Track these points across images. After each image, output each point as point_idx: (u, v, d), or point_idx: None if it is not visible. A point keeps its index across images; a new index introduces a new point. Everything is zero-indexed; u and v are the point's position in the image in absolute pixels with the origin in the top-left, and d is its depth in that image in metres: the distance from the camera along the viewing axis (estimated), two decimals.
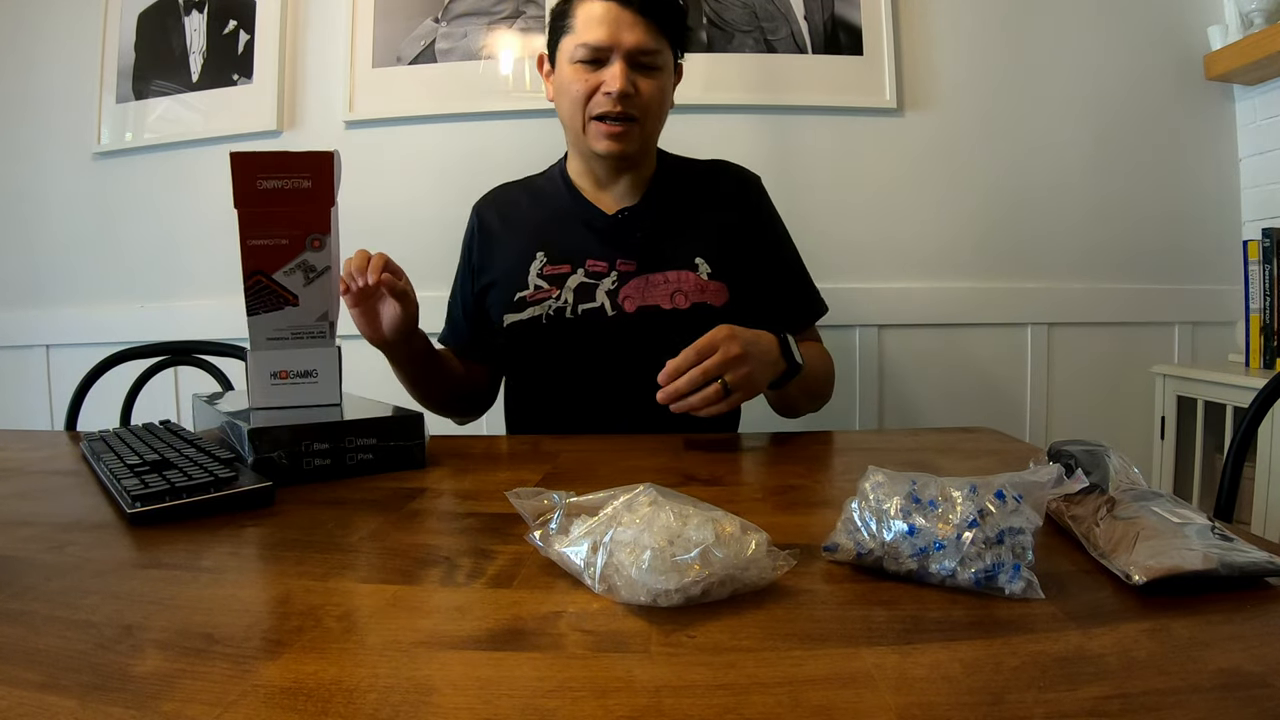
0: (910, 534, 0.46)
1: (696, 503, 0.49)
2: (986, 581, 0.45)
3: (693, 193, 1.16)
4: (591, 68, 1.04)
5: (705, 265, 1.11)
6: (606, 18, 1.03)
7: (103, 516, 0.64)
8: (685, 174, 1.19)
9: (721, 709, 0.33)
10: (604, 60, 1.04)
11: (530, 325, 1.11)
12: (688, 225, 1.13)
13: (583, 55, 1.04)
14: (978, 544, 0.45)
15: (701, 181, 1.18)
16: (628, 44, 1.03)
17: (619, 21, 1.02)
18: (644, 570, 0.43)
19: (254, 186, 0.83)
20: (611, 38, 1.02)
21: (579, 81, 1.05)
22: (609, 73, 1.03)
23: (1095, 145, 1.87)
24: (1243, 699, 0.33)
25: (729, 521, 0.47)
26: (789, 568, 0.46)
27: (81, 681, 0.36)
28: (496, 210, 1.20)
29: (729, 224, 1.14)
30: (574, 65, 1.05)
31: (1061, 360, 1.88)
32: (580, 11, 1.05)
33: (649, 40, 1.04)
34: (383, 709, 0.33)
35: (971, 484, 0.48)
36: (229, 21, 1.92)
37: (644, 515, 0.46)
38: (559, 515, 0.51)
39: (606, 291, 1.10)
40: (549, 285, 1.11)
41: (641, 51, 1.04)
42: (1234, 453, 1.00)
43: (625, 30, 1.02)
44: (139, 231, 1.96)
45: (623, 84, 1.02)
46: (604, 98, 1.04)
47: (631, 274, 1.10)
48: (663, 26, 1.06)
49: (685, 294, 1.09)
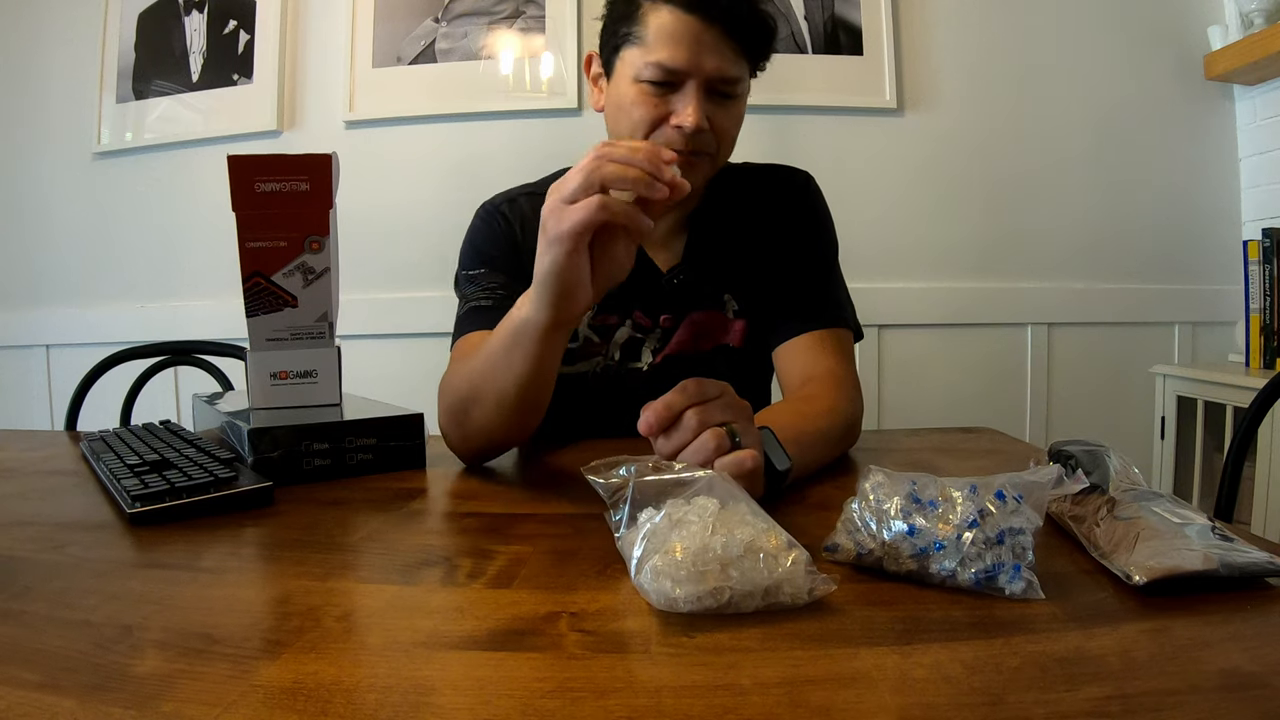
0: (910, 534, 0.46)
1: (754, 508, 0.48)
2: (987, 582, 0.45)
3: (734, 221, 1.02)
4: (660, 90, 0.87)
5: (733, 302, 1.01)
6: (686, 36, 0.85)
7: (102, 516, 0.64)
8: (728, 198, 1.03)
9: (721, 709, 0.33)
10: (676, 84, 0.86)
11: (576, 381, 0.98)
12: (723, 261, 1.01)
13: (652, 75, 0.86)
14: (978, 544, 0.45)
15: (745, 203, 1.04)
16: (708, 70, 0.85)
17: (700, 42, 0.85)
18: (660, 575, 0.43)
19: (252, 189, 0.83)
20: (690, 62, 0.85)
21: (645, 105, 0.87)
22: (681, 101, 0.86)
23: (1095, 145, 1.87)
24: (1243, 699, 0.33)
25: (775, 534, 0.45)
26: (828, 590, 0.44)
27: (81, 682, 0.36)
28: (520, 226, 1.00)
29: (764, 247, 1.02)
30: (639, 85, 0.87)
31: (1061, 360, 1.88)
32: (652, 20, 0.86)
33: (732, 67, 0.87)
34: (382, 709, 0.33)
35: (972, 484, 0.48)
36: (229, 21, 1.92)
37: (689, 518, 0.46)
38: (625, 509, 0.50)
39: (652, 350, 1.00)
40: (599, 339, 0.99)
41: (722, 80, 0.87)
42: (1234, 453, 1.00)
43: (707, 54, 0.85)
44: (139, 231, 1.96)
45: (698, 119, 0.85)
46: (674, 132, 0.87)
47: (672, 329, 1.00)
48: (748, 49, 0.89)
49: (709, 336, 1.00)
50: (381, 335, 1.85)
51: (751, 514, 0.47)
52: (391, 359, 1.77)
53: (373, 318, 1.85)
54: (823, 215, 1.06)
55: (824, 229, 1.06)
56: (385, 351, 1.82)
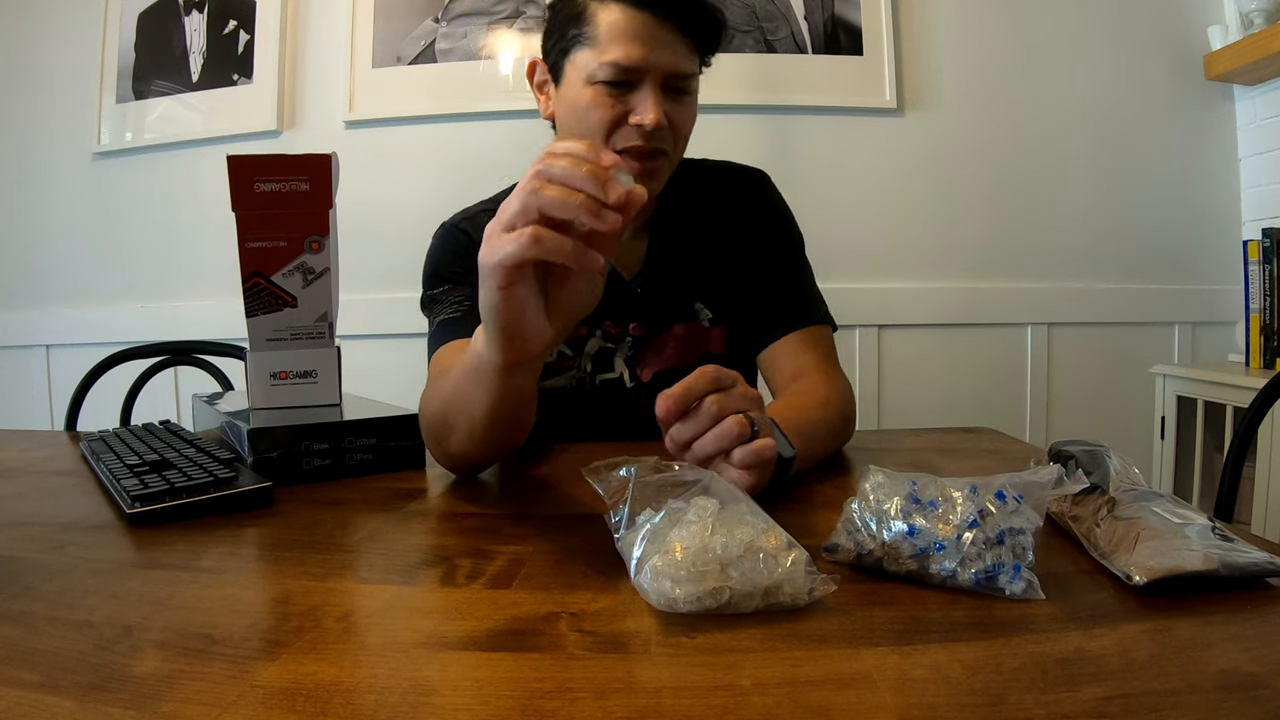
0: (910, 534, 0.46)
1: (753, 508, 0.48)
2: (987, 582, 0.44)
3: (694, 224, 1.02)
4: (615, 89, 0.86)
5: (705, 310, 1.01)
6: (639, 33, 0.84)
7: (102, 516, 0.64)
8: (686, 200, 1.02)
9: (721, 709, 0.33)
10: (632, 82, 0.86)
11: (552, 396, 0.98)
12: (688, 268, 1.01)
13: (608, 75, 0.85)
14: (978, 544, 0.45)
15: (703, 205, 1.03)
16: (664, 67, 0.85)
17: (655, 39, 0.84)
18: (660, 576, 0.43)
19: (251, 189, 0.83)
20: (646, 59, 0.84)
21: (602, 107, 0.86)
22: (638, 100, 0.86)
23: (1095, 145, 1.88)
24: (1243, 700, 0.33)
25: (775, 534, 0.45)
26: (829, 591, 0.43)
27: (80, 682, 0.36)
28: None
29: (729, 252, 1.02)
30: (594, 86, 0.86)
31: (1061, 360, 1.89)
32: (602, 20, 0.85)
33: (685, 63, 0.87)
34: (382, 710, 0.33)
35: (971, 484, 0.47)
36: (229, 21, 1.92)
37: (689, 518, 0.46)
38: (625, 509, 0.50)
39: (625, 359, 0.99)
40: (571, 352, 0.99)
41: (678, 76, 0.87)
42: (1234, 453, 1.00)
43: (661, 50, 0.85)
44: (139, 231, 1.96)
45: (658, 116, 0.85)
46: (633, 130, 0.86)
47: (645, 338, 0.99)
48: (700, 44, 0.89)
49: (695, 348, 0.99)
50: (381, 335, 1.85)
51: (751, 514, 0.47)
52: (391, 359, 1.77)
53: (373, 318, 1.85)
54: (783, 213, 1.06)
55: (787, 227, 1.06)
56: (385, 351, 1.82)
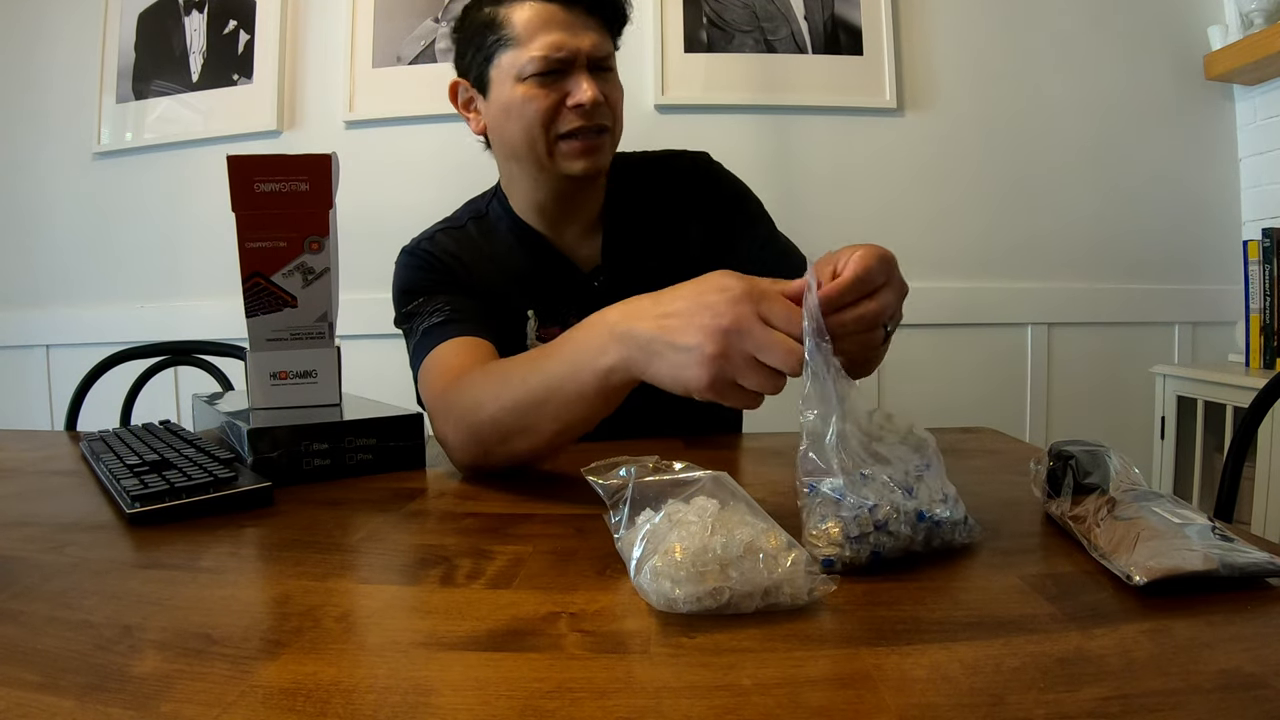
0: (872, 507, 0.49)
1: (754, 508, 0.48)
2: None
3: (645, 214, 1.04)
4: (547, 79, 0.90)
5: None
6: (556, 21, 0.89)
7: (102, 517, 0.64)
8: (635, 191, 1.05)
9: (721, 710, 0.33)
10: (562, 70, 0.90)
11: None
12: (644, 258, 1.02)
13: (538, 67, 0.89)
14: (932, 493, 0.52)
15: (651, 194, 1.05)
16: (587, 48, 0.90)
17: (572, 25, 0.90)
18: (660, 576, 0.43)
19: (251, 189, 0.83)
20: (571, 44, 0.89)
21: (538, 98, 0.90)
22: (572, 84, 0.90)
23: (1095, 145, 1.88)
24: (1243, 700, 0.33)
25: (775, 534, 0.45)
26: (829, 591, 0.44)
27: (80, 682, 0.35)
28: (453, 254, 1.01)
29: (686, 236, 1.04)
30: (524, 82, 0.90)
31: (1061, 360, 1.89)
32: (517, 18, 0.90)
33: (605, 42, 0.93)
34: (381, 710, 0.33)
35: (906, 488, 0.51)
36: (229, 21, 1.92)
37: (689, 518, 0.46)
38: (625, 509, 0.50)
39: None
40: None
41: (600, 55, 0.92)
42: (1234, 453, 1.00)
43: (582, 34, 0.91)
44: (139, 232, 1.96)
45: (595, 93, 0.90)
46: (573, 112, 0.91)
47: None
48: (610, 25, 0.95)
49: None
50: (381, 335, 1.84)
51: (751, 514, 0.47)
52: (391, 359, 1.76)
53: (373, 318, 1.84)
54: (737, 184, 1.09)
55: (745, 195, 1.08)
56: (385, 351, 1.81)
